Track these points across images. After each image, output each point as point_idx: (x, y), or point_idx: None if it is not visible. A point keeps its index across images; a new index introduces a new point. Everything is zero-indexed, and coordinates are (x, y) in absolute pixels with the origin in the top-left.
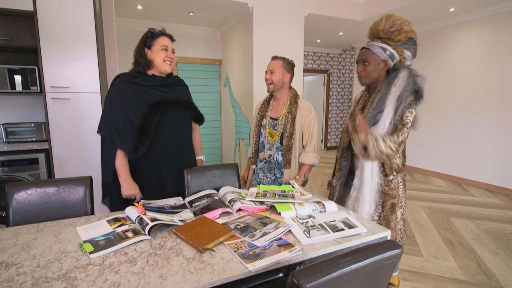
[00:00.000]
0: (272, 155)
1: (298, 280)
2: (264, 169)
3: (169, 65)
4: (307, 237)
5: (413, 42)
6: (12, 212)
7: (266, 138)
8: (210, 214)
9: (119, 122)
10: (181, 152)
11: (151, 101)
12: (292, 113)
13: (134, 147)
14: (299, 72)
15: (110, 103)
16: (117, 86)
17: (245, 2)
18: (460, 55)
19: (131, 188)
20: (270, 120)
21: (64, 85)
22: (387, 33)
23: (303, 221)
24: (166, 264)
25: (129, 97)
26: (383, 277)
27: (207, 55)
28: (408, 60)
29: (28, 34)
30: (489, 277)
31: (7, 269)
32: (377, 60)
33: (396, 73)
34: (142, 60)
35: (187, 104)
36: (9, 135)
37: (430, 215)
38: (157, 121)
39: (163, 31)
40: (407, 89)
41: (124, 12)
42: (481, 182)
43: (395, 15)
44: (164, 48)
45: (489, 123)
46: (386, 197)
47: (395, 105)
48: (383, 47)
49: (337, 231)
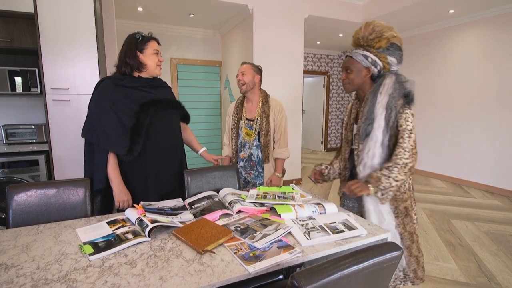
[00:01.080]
0: (252, 153)
1: (298, 282)
2: (246, 167)
3: (160, 68)
4: (307, 238)
5: (396, 47)
6: (12, 213)
7: (243, 138)
8: (210, 216)
9: (110, 125)
10: (174, 151)
11: (141, 101)
12: (265, 112)
13: (128, 148)
14: (299, 74)
15: (97, 107)
16: (103, 89)
17: (245, 4)
18: (459, 56)
19: (123, 194)
20: (246, 121)
21: (64, 87)
22: (367, 41)
23: (303, 222)
24: (166, 266)
25: (117, 99)
26: (383, 279)
27: (207, 56)
28: (393, 66)
29: (28, 35)
30: (489, 279)
31: (6, 271)
32: (359, 67)
33: (381, 80)
34: (134, 62)
35: (176, 103)
36: (9, 137)
37: (431, 216)
38: (149, 121)
39: (153, 35)
40: (394, 95)
41: (124, 14)
42: (482, 184)
43: (375, 22)
44: (156, 52)
45: (489, 124)
46: (398, 202)
47: (385, 114)
48: (364, 54)
49: (337, 232)
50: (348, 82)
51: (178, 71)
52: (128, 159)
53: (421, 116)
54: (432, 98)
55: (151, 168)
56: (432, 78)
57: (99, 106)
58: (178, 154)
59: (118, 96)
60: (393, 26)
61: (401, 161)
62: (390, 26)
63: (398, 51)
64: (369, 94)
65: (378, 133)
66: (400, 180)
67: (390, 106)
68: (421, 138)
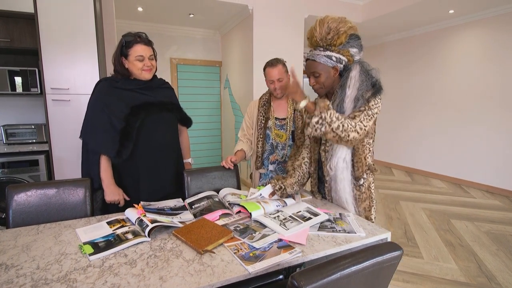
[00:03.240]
0: (286, 153)
1: (298, 282)
2: (278, 170)
3: (148, 72)
4: (286, 229)
5: (354, 38)
6: (12, 213)
7: (274, 140)
8: (210, 216)
9: (101, 127)
10: (167, 154)
11: (132, 103)
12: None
13: (117, 151)
14: (299, 74)
15: (92, 109)
16: (99, 91)
17: (245, 4)
18: (459, 56)
19: (114, 193)
20: (275, 121)
21: (64, 87)
22: (326, 40)
23: (274, 215)
24: (166, 266)
25: (111, 101)
26: (383, 279)
27: (207, 56)
28: (356, 56)
29: (28, 35)
30: (489, 279)
31: (6, 271)
32: (326, 68)
33: (347, 74)
34: (120, 69)
35: (171, 106)
36: (9, 137)
37: (431, 216)
38: (140, 124)
39: (137, 39)
40: (362, 88)
41: (124, 14)
42: (482, 184)
43: (327, 18)
44: (139, 58)
45: (489, 124)
46: (358, 202)
47: (353, 106)
48: (327, 55)
49: (306, 220)
50: (320, 87)
51: (178, 71)
52: (117, 162)
53: (421, 116)
54: (432, 98)
55: (143, 171)
56: (431, 78)
57: (93, 107)
58: (173, 157)
59: (111, 98)
60: (344, 17)
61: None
62: (343, 18)
63: (357, 40)
64: (338, 88)
65: None
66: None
67: (358, 97)
68: (421, 138)
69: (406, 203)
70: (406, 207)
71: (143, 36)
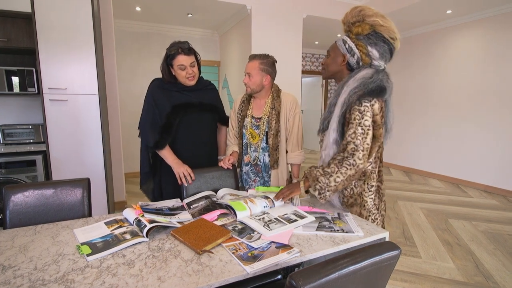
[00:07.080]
0: (257, 156)
1: (296, 282)
2: (250, 172)
3: (192, 80)
4: (269, 230)
5: (380, 38)
6: (9, 214)
7: (248, 140)
8: (208, 216)
9: (148, 121)
10: (202, 151)
11: (174, 103)
12: (276, 109)
13: (155, 142)
14: (297, 74)
15: (146, 104)
16: (150, 90)
17: (243, 4)
18: (457, 56)
19: (179, 165)
20: (252, 120)
21: (62, 87)
22: (349, 25)
23: (260, 217)
24: (164, 266)
25: (159, 99)
26: (381, 279)
27: (205, 56)
28: (375, 60)
29: (26, 35)
30: (487, 278)
31: (4, 272)
32: (337, 52)
33: (355, 73)
34: (168, 77)
35: (211, 106)
36: (6, 137)
37: (428, 216)
38: (179, 121)
39: (178, 50)
40: (356, 91)
41: (122, 13)
42: (479, 183)
43: (362, 6)
44: (181, 67)
45: (487, 124)
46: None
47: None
48: (343, 40)
49: (292, 222)
50: (323, 68)
51: None
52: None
53: (420, 116)
54: (430, 98)
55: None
56: (430, 78)
57: (146, 103)
58: (206, 152)
59: (160, 96)
60: (385, 15)
61: (351, 159)
62: (381, 14)
63: (382, 43)
64: (339, 85)
65: (332, 129)
66: (339, 182)
67: (345, 102)
68: (420, 138)
69: (404, 203)
70: (404, 207)
71: (184, 46)
